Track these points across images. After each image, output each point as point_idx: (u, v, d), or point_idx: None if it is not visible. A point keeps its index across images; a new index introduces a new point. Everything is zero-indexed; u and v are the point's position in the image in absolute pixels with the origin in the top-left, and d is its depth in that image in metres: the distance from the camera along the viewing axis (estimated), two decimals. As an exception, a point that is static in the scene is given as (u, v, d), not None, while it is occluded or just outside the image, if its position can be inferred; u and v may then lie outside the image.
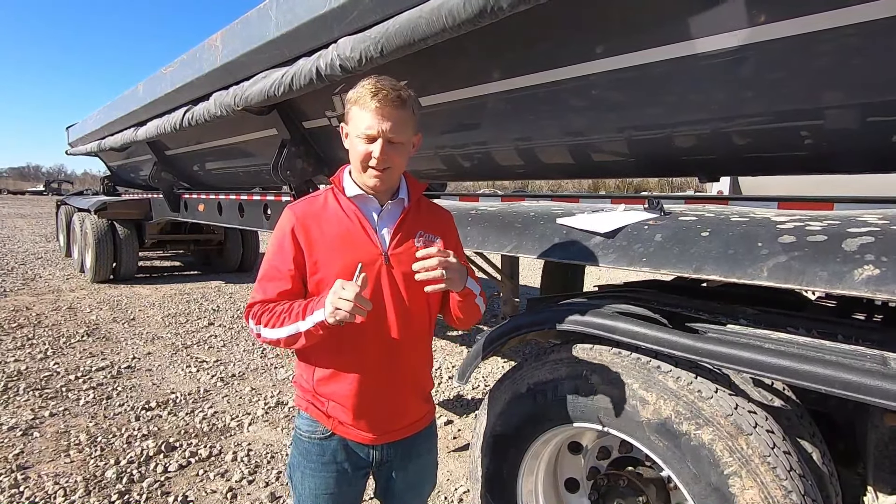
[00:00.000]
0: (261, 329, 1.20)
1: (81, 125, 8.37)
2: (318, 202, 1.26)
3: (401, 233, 1.25)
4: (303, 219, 1.22)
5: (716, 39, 1.59)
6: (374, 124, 1.13)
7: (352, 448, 1.28)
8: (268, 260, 1.26)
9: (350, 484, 1.30)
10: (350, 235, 1.21)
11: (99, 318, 5.50)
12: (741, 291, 1.94)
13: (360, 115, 1.15)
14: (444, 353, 4.59)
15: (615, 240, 1.43)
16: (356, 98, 1.16)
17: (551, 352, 1.56)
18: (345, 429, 1.25)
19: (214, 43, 3.41)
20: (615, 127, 2.11)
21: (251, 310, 1.23)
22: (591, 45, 1.86)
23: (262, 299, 1.23)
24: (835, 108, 1.58)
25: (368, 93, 1.13)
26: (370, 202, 1.25)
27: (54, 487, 2.37)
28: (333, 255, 1.20)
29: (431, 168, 3.27)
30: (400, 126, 1.15)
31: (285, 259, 1.22)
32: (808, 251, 1.07)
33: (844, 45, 1.40)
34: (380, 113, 1.12)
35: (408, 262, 1.22)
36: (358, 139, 1.16)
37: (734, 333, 1.23)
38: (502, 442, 1.62)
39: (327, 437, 1.26)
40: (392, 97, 1.13)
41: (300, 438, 1.30)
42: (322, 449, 1.27)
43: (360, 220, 1.23)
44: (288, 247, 1.21)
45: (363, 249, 1.21)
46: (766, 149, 1.84)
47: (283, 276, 1.22)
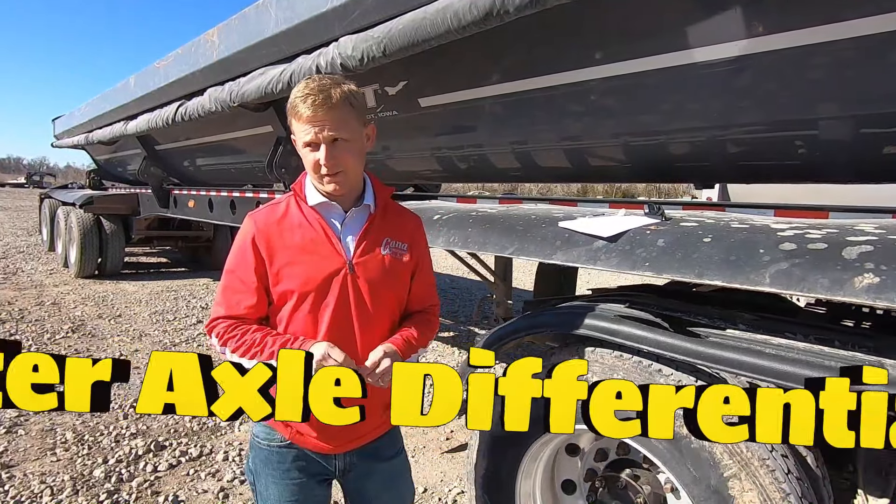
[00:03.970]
0: (226, 351, 1.14)
1: (68, 117, 8.23)
2: (279, 210, 1.22)
3: (366, 240, 1.22)
4: (264, 228, 1.18)
5: (712, 50, 1.62)
6: (310, 131, 1.10)
7: (312, 457, 1.24)
8: (229, 270, 1.21)
9: (314, 491, 1.27)
10: (313, 244, 1.18)
11: (84, 314, 5.41)
12: (732, 297, 1.97)
13: (298, 126, 1.13)
14: (436, 355, 4.59)
15: (617, 244, 1.45)
16: (290, 108, 1.14)
17: (551, 354, 1.58)
18: (303, 438, 1.22)
19: (211, 38, 3.38)
20: (612, 132, 2.14)
21: (215, 327, 1.17)
22: (590, 52, 1.88)
23: (225, 314, 1.18)
24: (828, 119, 1.62)
25: (299, 101, 1.10)
26: (333, 209, 1.21)
27: (41, 486, 2.32)
28: (296, 265, 1.17)
29: (426, 169, 3.28)
30: (338, 125, 1.11)
31: (247, 270, 1.18)
32: (809, 258, 1.09)
33: (838, 59, 1.44)
34: (313, 119, 1.09)
35: (373, 271, 1.21)
36: (305, 149, 1.14)
37: (734, 338, 1.26)
38: (501, 443, 1.63)
39: (286, 445, 1.23)
40: (321, 101, 1.09)
41: (259, 446, 1.26)
42: (282, 457, 1.23)
43: (323, 228, 1.19)
44: (249, 257, 1.17)
45: (326, 258, 1.18)
46: (761, 157, 1.88)
47: (246, 288, 1.18)
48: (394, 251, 1.26)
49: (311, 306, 1.18)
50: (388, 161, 3.30)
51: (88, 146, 7.94)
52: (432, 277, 1.41)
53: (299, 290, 1.17)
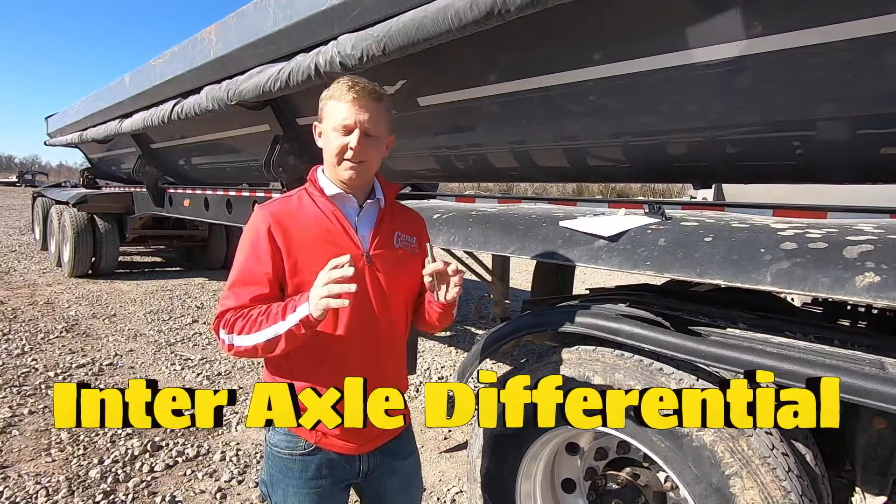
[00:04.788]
0: (234, 338, 1.11)
1: (62, 115, 8.16)
2: (293, 202, 1.22)
3: (380, 233, 1.24)
4: (279, 218, 1.17)
5: (711, 50, 1.63)
6: (350, 115, 1.13)
7: (337, 461, 1.22)
8: (240, 262, 1.18)
9: (336, 498, 1.26)
10: (331, 235, 1.18)
11: (78, 313, 5.36)
12: (730, 297, 1.99)
13: (337, 107, 1.15)
14: (432, 354, 4.59)
15: (618, 243, 1.45)
16: (332, 93, 1.17)
17: (552, 353, 1.58)
18: (329, 441, 1.20)
19: (208, 36, 3.35)
20: (610, 132, 2.14)
21: (222, 318, 1.14)
22: (589, 52, 1.89)
23: (234, 305, 1.15)
24: (826, 120, 1.63)
25: (345, 86, 1.14)
26: (349, 201, 1.22)
27: (36, 487, 2.30)
28: (314, 255, 1.15)
29: (425, 168, 3.28)
30: (376, 119, 1.15)
31: (262, 261, 1.15)
32: (811, 258, 1.10)
33: (836, 60, 1.45)
34: (357, 104, 1.13)
35: (389, 263, 1.23)
36: (334, 132, 1.15)
37: (735, 337, 1.27)
38: (502, 443, 1.63)
39: (310, 451, 1.21)
40: (369, 89, 1.15)
41: (278, 455, 1.22)
42: (305, 464, 1.20)
43: (339, 220, 1.20)
44: (264, 247, 1.15)
45: (345, 249, 1.17)
46: (759, 157, 1.89)
47: (259, 279, 1.15)
48: (405, 244, 1.29)
49: None
50: (387, 160, 3.29)
51: (82, 144, 7.87)
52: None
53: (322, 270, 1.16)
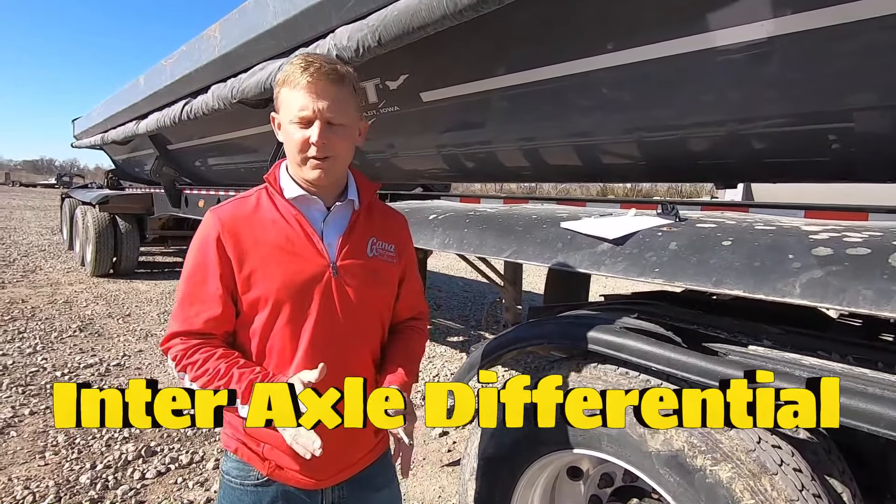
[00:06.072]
0: (185, 377, 0.99)
1: (86, 118, 8.34)
2: (249, 204, 1.06)
3: (351, 240, 1.07)
4: (231, 224, 1.01)
5: (734, 32, 1.46)
6: (307, 104, 0.96)
7: (295, 494, 1.07)
8: (187, 277, 1.03)
9: None
10: (291, 244, 1.02)
11: (94, 312, 5.41)
12: (757, 306, 1.79)
13: (291, 95, 0.98)
14: (443, 360, 4.45)
15: (624, 247, 1.29)
16: (285, 78, 0.99)
17: (552, 368, 1.43)
18: (284, 473, 1.05)
19: (213, 33, 3.31)
20: (624, 128, 1.98)
21: (170, 348, 1.01)
22: (599, 39, 1.73)
23: (183, 331, 1.00)
24: (865, 110, 1.44)
25: (298, 69, 0.97)
26: (314, 204, 1.06)
27: (23, 492, 2.25)
28: (271, 267, 1.00)
29: (432, 167, 3.15)
30: (339, 104, 0.98)
31: (210, 276, 1.00)
32: (849, 266, 0.93)
33: (876, 40, 1.26)
34: (313, 90, 0.96)
35: (360, 275, 1.07)
36: (292, 125, 0.98)
37: (759, 357, 1.09)
38: (495, 465, 1.48)
39: (262, 482, 1.06)
40: (326, 70, 0.97)
41: (229, 485, 1.08)
42: (258, 497, 1.06)
43: (302, 226, 1.04)
44: (213, 260, 1.00)
45: (307, 260, 1.02)
46: (788, 154, 1.71)
47: (207, 297, 1.00)
48: (381, 253, 1.12)
49: (290, 316, 1.02)
50: (393, 160, 3.18)
51: (105, 146, 8.03)
52: (420, 282, 1.28)
53: (274, 297, 1.01)
